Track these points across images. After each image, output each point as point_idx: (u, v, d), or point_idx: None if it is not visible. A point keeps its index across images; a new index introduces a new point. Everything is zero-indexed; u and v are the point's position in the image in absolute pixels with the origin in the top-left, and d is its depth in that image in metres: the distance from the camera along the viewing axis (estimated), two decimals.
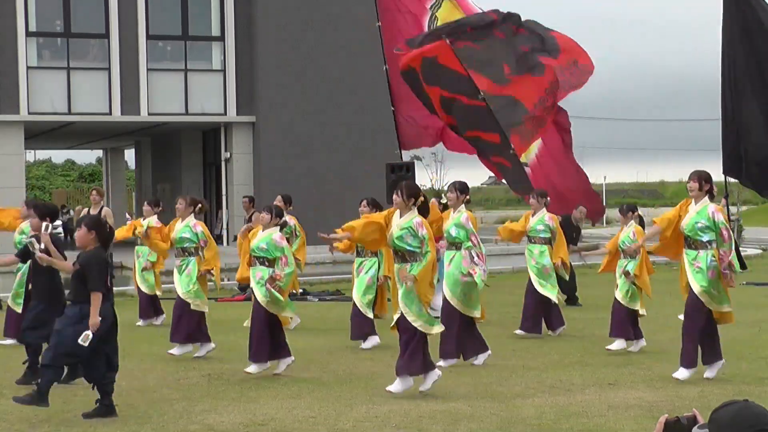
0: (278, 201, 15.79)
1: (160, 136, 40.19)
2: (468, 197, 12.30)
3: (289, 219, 15.56)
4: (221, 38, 33.56)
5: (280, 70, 33.17)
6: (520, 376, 10.99)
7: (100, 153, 58.33)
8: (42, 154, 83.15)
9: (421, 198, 10.20)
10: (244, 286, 18.49)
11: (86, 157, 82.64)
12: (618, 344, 12.70)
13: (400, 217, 10.19)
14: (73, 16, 32.30)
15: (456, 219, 12.00)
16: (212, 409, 9.43)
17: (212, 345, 12.65)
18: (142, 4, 32.52)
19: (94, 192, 19.12)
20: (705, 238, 10.50)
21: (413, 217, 10.06)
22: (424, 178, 55.77)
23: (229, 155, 34.06)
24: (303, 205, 32.72)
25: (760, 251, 31.71)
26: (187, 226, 12.94)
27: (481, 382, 10.68)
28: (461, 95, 14.79)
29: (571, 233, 18.55)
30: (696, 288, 10.51)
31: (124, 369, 11.74)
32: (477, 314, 11.85)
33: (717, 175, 12.64)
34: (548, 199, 14.74)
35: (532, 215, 14.67)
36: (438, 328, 10.26)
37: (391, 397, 9.80)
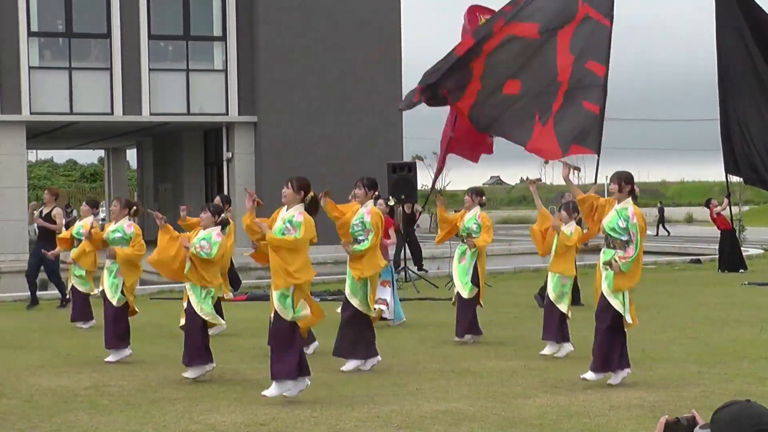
0: (217, 201, 15.47)
1: (161, 136, 40.21)
2: (377, 193, 12.17)
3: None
4: (223, 38, 33.57)
5: (281, 70, 33.18)
6: (522, 376, 10.99)
7: (101, 153, 58.42)
8: (44, 154, 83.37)
9: (311, 194, 10.04)
10: (237, 285, 18.39)
11: (88, 157, 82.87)
12: (549, 348, 12.45)
13: (287, 210, 10.00)
14: (75, 16, 32.32)
15: (360, 214, 11.84)
16: (214, 409, 9.43)
17: (128, 351, 12.41)
18: (143, 4, 32.53)
19: (46, 192, 18.80)
20: (624, 237, 10.44)
21: (296, 212, 9.89)
22: (425, 178, 55.81)
23: (230, 155, 34.06)
24: None
25: (761, 251, 31.74)
26: (120, 227, 12.80)
27: (482, 382, 10.68)
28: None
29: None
30: (605, 288, 10.40)
31: (125, 369, 11.77)
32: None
33: (719, 174, 12.62)
34: (483, 198, 14.15)
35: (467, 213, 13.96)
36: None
37: (393, 397, 9.81)
